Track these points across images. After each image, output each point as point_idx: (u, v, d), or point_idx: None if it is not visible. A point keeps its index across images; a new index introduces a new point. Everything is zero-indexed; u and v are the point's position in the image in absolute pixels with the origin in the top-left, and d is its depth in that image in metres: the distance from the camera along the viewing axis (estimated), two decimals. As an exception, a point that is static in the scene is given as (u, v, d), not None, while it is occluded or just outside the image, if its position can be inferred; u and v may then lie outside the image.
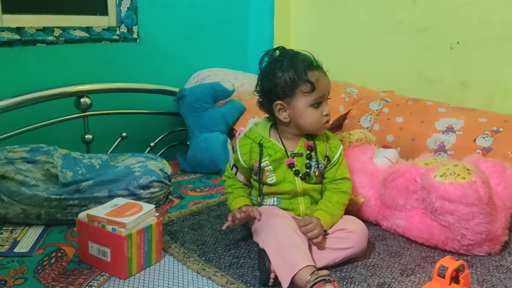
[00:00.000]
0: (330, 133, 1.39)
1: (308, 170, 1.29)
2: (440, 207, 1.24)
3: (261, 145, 1.30)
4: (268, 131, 1.33)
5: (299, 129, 1.30)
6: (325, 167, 1.33)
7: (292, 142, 1.32)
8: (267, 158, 1.29)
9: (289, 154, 1.30)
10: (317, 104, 1.25)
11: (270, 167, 1.29)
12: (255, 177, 1.34)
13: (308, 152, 1.30)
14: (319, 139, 1.33)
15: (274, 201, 1.33)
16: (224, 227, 1.28)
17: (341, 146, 1.36)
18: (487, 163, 1.42)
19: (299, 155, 1.30)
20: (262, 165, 1.29)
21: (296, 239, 1.15)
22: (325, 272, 1.08)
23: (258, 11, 2.57)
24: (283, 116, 1.27)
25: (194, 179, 1.91)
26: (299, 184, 1.30)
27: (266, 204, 1.33)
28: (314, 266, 1.10)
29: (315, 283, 1.04)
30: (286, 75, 1.23)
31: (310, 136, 1.32)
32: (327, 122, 1.28)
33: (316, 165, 1.30)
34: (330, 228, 1.24)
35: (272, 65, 1.27)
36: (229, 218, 1.26)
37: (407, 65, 2.21)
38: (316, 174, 1.30)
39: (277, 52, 1.29)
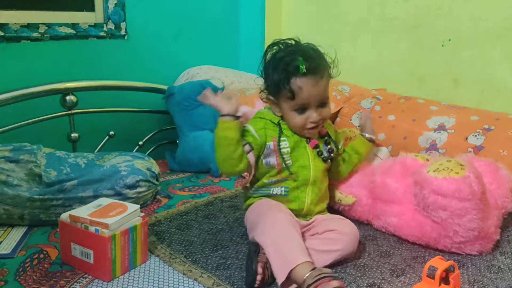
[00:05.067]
0: (329, 122, 1.41)
1: (331, 154, 1.32)
2: (433, 202, 1.23)
3: (279, 124, 1.28)
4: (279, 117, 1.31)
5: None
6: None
7: None
8: (285, 138, 1.27)
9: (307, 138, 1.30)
10: (301, 110, 1.24)
11: (288, 149, 1.27)
12: (264, 161, 1.27)
13: (326, 138, 1.33)
14: (328, 126, 1.37)
15: (282, 190, 1.29)
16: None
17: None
18: (480, 162, 1.42)
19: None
20: (281, 144, 1.26)
21: (295, 234, 1.12)
22: (329, 270, 1.05)
23: (249, 8, 2.54)
24: (275, 110, 1.29)
25: (183, 178, 1.88)
26: (313, 170, 1.28)
27: (273, 193, 1.29)
28: (312, 263, 1.07)
29: (320, 279, 0.99)
30: (274, 76, 1.23)
31: None
32: (312, 128, 1.26)
33: (336, 150, 1.34)
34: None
35: (269, 60, 1.27)
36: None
37: (399, 62, 2.20)
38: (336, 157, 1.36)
39: (280, 46, 1.27)
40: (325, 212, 1.36)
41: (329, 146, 1.32)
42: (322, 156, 1.30)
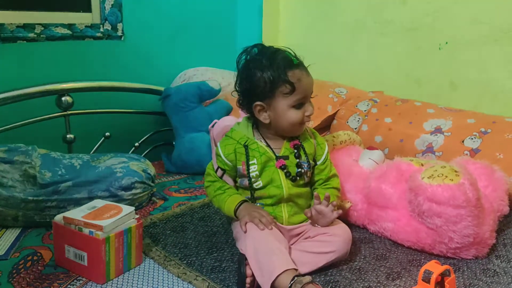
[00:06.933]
0: (313, 130, 1.34)
1: (300, 170, 1.24)
2: (428, 209, 1.22)
3: (246, 147, 1.24)
4: (252, 132, 1.27)
5: (279, 131, 1.25)
6: (312, 167, 1.29)
7: (276, 143, 1.27)
8: (254, 161, 1.23)
9: (276, 156, 1.24)
10: (299, 105, 1.20)
11: (257, 172, 1.24)
12: (239, 180, 1.28)
13: (296, 151, 1.25)
14: (305, 137, 1.29)
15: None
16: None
17: (326, 144, 1.34)
18: (476, 165, 1.41)
19: (285, 158, 1.25)
20: (250, 168, 1.23)
21: (274, 244, 1.11)
22: (308, 278, 1.04)
23: (246, 10, 2.54)
24: (263, 117, 1.22)
25: (179, 180, 1.88)
26: (286, 189, 1.24)
27: None
28: (295, 269, 1.07)
29: None
30: (265, 75, 1.17)
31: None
32: (305, 122, 1.24)
33: (307, 166, 1.25)
34: None
35: (251, 64, 1.21)
36: (261, 225, 1.15)
37: (396, 65, 2.20)
38: (308, 174, 1.27)
39: (256, 50, 1.23)
40: None
41: (297, 160, 1.25)
42: (290, 176, 1.23)
